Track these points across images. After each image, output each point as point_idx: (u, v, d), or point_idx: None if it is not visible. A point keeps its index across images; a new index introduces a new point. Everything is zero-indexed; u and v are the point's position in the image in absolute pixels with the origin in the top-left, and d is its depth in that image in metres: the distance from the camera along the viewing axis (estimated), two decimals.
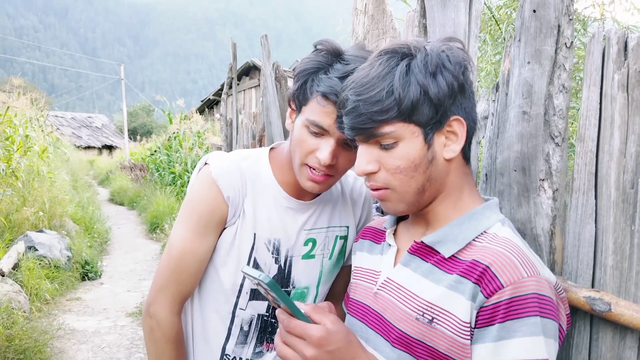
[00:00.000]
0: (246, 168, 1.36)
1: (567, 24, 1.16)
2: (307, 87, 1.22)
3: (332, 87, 1.16)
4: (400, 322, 0.99)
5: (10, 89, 9.80)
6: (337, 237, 1.47)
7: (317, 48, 1.25)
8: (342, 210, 1.49)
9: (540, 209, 1.20)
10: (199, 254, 1.33)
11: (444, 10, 1.50)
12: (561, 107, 1.17)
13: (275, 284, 0.84)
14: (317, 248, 1.43)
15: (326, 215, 1.45)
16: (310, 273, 1.43)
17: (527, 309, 0.86)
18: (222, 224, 1.34)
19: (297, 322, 0.87)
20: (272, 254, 1.37)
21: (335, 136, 1.20)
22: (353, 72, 1.10)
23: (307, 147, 1.23)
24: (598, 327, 1.11)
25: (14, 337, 4.01)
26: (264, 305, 1.40)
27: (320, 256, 1.44)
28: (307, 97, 1.22)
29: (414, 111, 0.94)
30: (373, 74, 0.96)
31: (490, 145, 1.33)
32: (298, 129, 1.25)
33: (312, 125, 1.21)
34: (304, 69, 1.23)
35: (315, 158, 1.23)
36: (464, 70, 0.98)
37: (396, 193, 1.01)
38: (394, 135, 0.96)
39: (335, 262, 1.49)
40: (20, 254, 5.68)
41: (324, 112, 1.19)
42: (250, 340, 1.42)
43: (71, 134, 25.50)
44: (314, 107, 1.20)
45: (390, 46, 0.99)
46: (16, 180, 6.95)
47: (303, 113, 1.23)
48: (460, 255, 0.97)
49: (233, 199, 1.31)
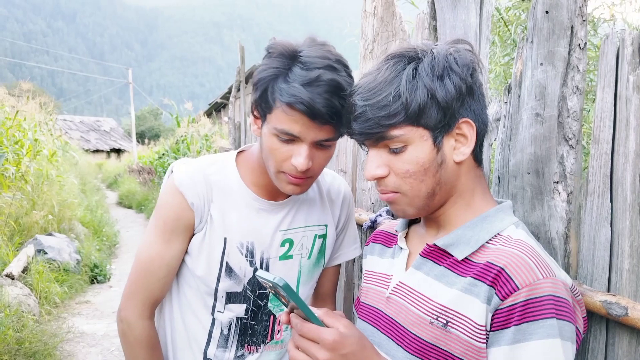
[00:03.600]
0: (211, 174, 1.36)
1: (581, 25, 1.15)
2: (269, 95, 1.19)
3: (295, 97, 1.14)
4: (414, 327, 0.99)
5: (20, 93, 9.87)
6: (316, 236, 1.47)
7: (269, 52, 1.22)
8: (319, 209, 1.49)
9: (554, 212, 1.19)
10: (166, 258, 1.35)
11: (455, 12, 1.49)
12: (575, 109, 1.16)
13: (289, 286, 0.84)
14: (294, 248, 1.43)
15: (302, 215, 1.44)
16: (288, 274, 1.43)
17: (543, 311, 0.85)
18: (189, 230, 1.34)
19: (310, 325, 0.86)
20: (246, 257, 1.36)
21: (307, 140, 1.19)
22: (317, 79, 1.12)
23: (280, 155, 1.22)
24: (614, 332, 1.10)
25: (24, 340, 4.03)
26: (242, 308, 1.40)
27: (299, 256, 1.44)
28: (271, 105, 1.19)
29: (422, 115, 0.94)
30: (380, 79, 0.96)
31: (503, 147, 1.32)
32: (267, 137, 1.23)
33: (282, 134, 1.19)
34: (262, 78, 1.20)
35: (291, 165, 1.22)
36: (473, 72, 0.97)
37: (406, 197, 1.00)
38: (402, 139, 0.96)
39: (315, 262, 1.48)
40: (29, 258, 5.70)
41: (292, 120, 1.17)
42: (231, 344, 1.42)
43: (80, 138, 25.64)
44: (280, 116, 1.18)
45: (397, 50, 0.99)
46: (25, 183, 6.99)
47: (269, 121, 1.21)
48: (474, 258, 0.96)
49: (197, 205, 1.32)
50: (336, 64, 1.17)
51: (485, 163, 1.35)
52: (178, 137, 14.48)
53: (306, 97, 1.13)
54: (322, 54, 1.17)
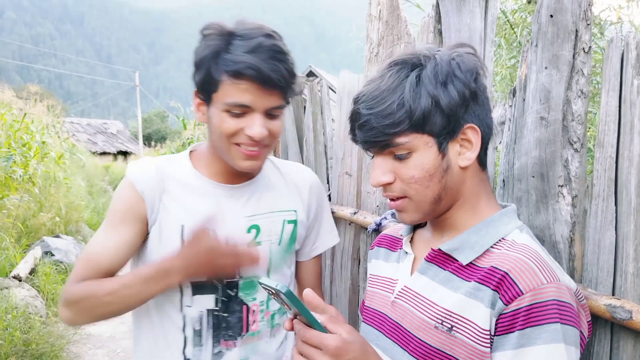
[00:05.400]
0: (164, 167, 1.38)
1: (585, 29, 1.15)
2: (213, 73, 1.21)
3: (242, 63, 1.17)
4: (419, 331, 0.99)
5: (28, 95, 9.95)
6: (285, 222, 1.44)
7: (205, 34, 1.25)
8: (286, 195, 1.47)
9: (559, 215, 1.19)
10: (110, 248, 1.32)
11: (460, 15, 1.50)
12: (580, 113, 1.16)
13: (292, 293, 0.84)
14: (262, 234, 1.39)
15: (267, 200, 1.43)
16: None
17: (547, 316, 0.85)
18: (140, 220, 1.34)
19: (313, 332, 0.87)
20: None
21: (259, 109, 1.22)
22: (260, 45, 1.18)
23: (234, 129, 1.23)
24: (619, 336, 1.09)
25: (31, 341, 4.05)
26: (210, 299, 1.36)
27: (267, 242, 1.40)
28: (216, 82, 1.21)
29: (426, 122, 0.94)
30: (383, 87, 0.95)
31: (508, 151, 1.32)
32: (217, 117, 1.24)
33: (233, 107, 1.21)
34: (202, 57, 1.22)
35: (245, 136, 1.23)
36: (476, 77, 0.96)
37: (413, 202, 1.00)
38: (407, 147, 0.96)
39: (286, 248, 1.45)
40: (37, 259, 5.74)
41: (241, 90, 1.20)
42: (206, 341, 1.37)
43: (87, 140, 25.73)
44: (229, 90, 1.20)
45: (400, 57, 0.99)
46: (33, 186, 7.03)
47: (217, 100, 1.23)
48: (478, 263, 0.96)
49: (147, 193, 1.33)
50: (272, 32, 1.23)
51: (490, 166, 1.35)
52: (184, 139, 14.51)
53: (253, 62, 1.17)
54: (256, 26, 1.24)
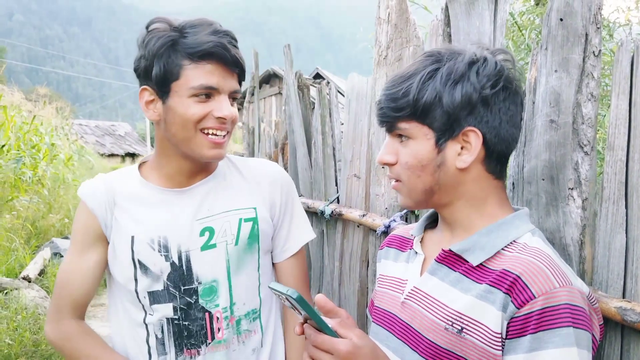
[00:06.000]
0: (113, 180, 1.40)
1: (595, 32, 1.15)
2: (172, 62, 1.22)
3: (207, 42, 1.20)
4: (429, 332, 0.99)
5: (36, 98, 10.02)
6: (242, 220, 1.39)
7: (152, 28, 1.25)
8: (244, 192, 1.43)
9: (569, 218, 1.19)
10: (82, 269, 1.37)
11: (469, 19, 1.50)
12: (590, 116, 1.16)
13: (302, 298, 0.85)
14: (216, 236, 1.36)
15: (222, 200, 1.39)
16: (214, 264, 1.36)
17: (559, 320, 0.85)
18: (100, 238, 1.37)
19: (324, 336, 0.87)
20: (160, 253, 1.33)
21: (225, 91, 1.25)
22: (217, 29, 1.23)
23: (201, 114, 1.24)
24: (629, 338, 1.10)
25: (40, 342, 4.08)
26: (168, 308, 1.35)
27: (223, 243, 1.36)
28: (177, 70, 1.22)
29: (427, 114, 0.97)
30: (402, 72, 1.01)
31: (518, 154, 1.32)
32: (180, 105, 1.24)
33: (200, 90, 1.22)
34: (157, 48, 1.22)
35: (214, 119, 1.25)
36: (494, 84, 0.96)
37: (405, 188, 1.05)
38: (407, 133, 1.01)
39: (245, 248, 1.39)
40: (46, 260, 5.78)
41: (206, 71, 1.22)
42: (169, 350, 1.36)
43: (95, 142, 25.83)
44: (192, 74, 1.22)
45: (435, 49, 1.03)
46: (42, 187, 7.09)
47: (179, 87, 1.23)
48: (489, 265, 0.97)
49: (99, 211, 1.35)
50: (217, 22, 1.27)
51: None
52: None
53: (218, 41, 1.20)
54: (202, 18, 1.26)
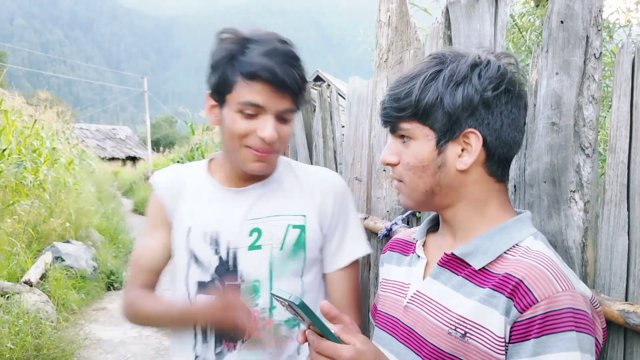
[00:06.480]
0: (183, 173, 1.50)
1: (596, 34, 1.15)
2: (228, 74, 1.26)
3: (257, 64, 1.21)
4: (433, 337, 0.99)
5: (37, 102, 10.03)
6: (289, 227, 1.39)
7: (221, 38, 1.30)
8: (296, 199, 1.43)
9: (571, 220, 1.19)
10: (149, 248, 1.49)
11: (469, 21, 1.50)
12: (591, 118, 1.16)
13: (305, 304, 0.84)
14: (262, 238, 1.38)
15: (274, 203, 1.41)
16: (258, 265, 1.37)
17: (562, 324, 0.85)
18: (166, 223, 1.47)
19: (327, 342, 0.87)
20: (211, 246, 1.38)
21: (271, 111, 1.26)
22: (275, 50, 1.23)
23: (245, 130, 1.27)
24: (632, 341, 1.09)
25: (42, 346, 4.08)
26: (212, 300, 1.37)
27: (268, 246, 1.38)
28: (231, 84, 1.25)
29: (429, 115, 0.98)
30: (407, 73, 1.02)
31: (519, 156, 1.32)
32: (230, 118, 1.28)
33: (246, 107, 1.25)
34: (218, 59, 1.27)
35: (257, 138, 1.27)
36: (496, 87, 0.96)
37: (407, 188, 1.05)
38: (409, 133, 1.01)
39: (290, 254, 1.39)
40: (47, 265, 5.78)
41: (254, 91, 1.24)
42: (210, 338, 1.40)
43: (96, 146, 25.90)
44: (242, 90, 1.24)
45: (441, 51, 1.03)
46: (43, 191, 7.08)
47: (230, 101, 1.27)
48: (492, 268, 0.96)
49: (166, 197, 1.46)
50: (286, 39, 1.29)
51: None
52: (193, 144, 14.59)
53: (268, 64, 1.21)
54: (270, 33, 1.29)
